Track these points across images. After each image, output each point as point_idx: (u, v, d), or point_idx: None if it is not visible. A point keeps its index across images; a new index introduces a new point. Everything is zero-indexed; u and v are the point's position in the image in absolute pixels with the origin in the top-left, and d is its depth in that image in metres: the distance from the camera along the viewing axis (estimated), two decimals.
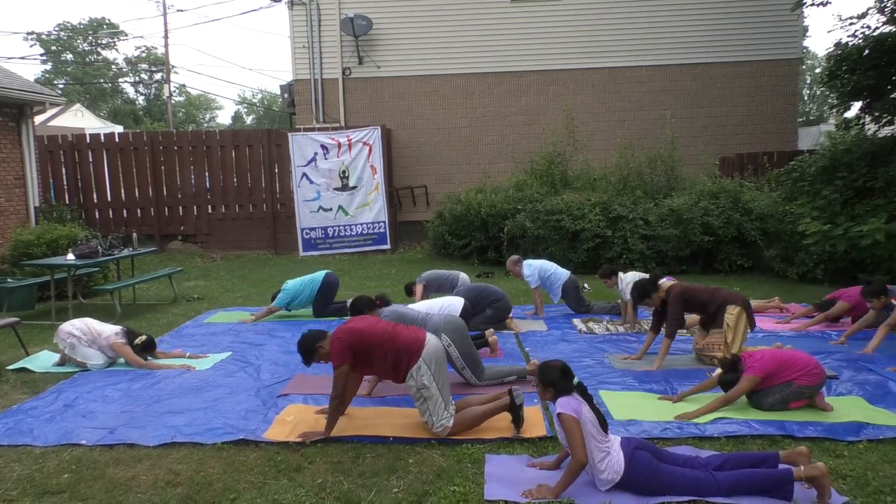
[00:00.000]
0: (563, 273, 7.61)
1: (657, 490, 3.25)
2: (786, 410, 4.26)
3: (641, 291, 5.63)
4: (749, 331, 5.41)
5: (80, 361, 5.71)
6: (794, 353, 4.53)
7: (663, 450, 3.51)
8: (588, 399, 3.40)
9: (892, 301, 5.87)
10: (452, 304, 5.99)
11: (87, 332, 5.76)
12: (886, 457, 3.66)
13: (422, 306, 5.86)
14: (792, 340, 6.16)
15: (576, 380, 3.43)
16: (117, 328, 5.86)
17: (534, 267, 7.56)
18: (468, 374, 4.97)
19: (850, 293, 6.60)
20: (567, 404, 3.32)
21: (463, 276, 7.63)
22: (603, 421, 3.37)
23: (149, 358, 5.82)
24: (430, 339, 4.12)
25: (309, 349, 4.09)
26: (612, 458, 3.30)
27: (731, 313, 5.27)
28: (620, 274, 6.88)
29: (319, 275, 7.70)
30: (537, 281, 7.53)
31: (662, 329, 5.52)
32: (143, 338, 5.84)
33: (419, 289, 7.54)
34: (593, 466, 3.30)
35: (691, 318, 6.31)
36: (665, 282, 5.68)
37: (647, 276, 6.69)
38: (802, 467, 3.22)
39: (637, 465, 3.28)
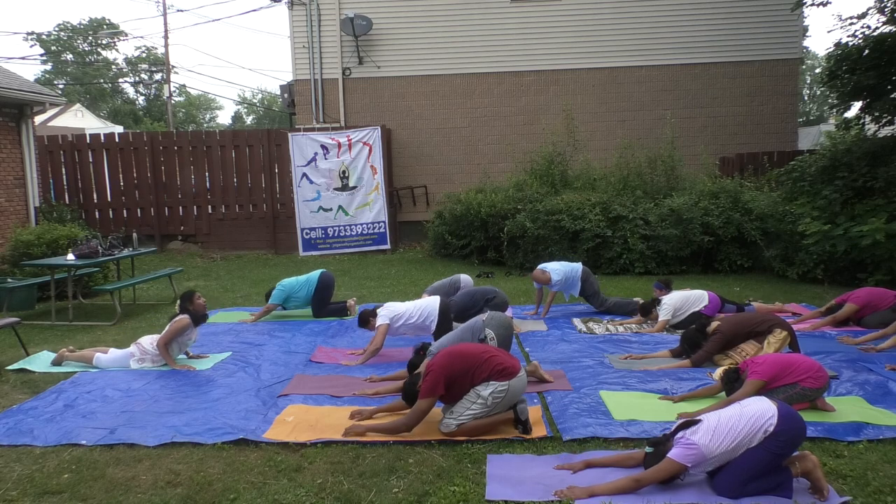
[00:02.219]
0: (577, 266, 7.61)
1: (769, 453, 3.19)
2: None
3: (692, 343, 5.48)
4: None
5: (81, 357, 5.75)
6: (797, 356, 4.50)
7: None
8: (683, 426, 3.34)
9: None
10: (429, 304, 6.00)
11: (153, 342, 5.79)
12: (886, 457, 3.66)
13: (400, 308, 5.93)
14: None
15: (648, 448, 3.37)
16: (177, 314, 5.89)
17: (560, 272, 7.43)
18: None
19: (858, 295, 6.62)
20: (682, 455, 3.21)
21: (464, 277, 7.61)
22: (694, 423, 3.33)
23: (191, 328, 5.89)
24: (523, 374, 4.13)
25: (412, 393, 4.05)
26: (761, 420, 3.23)
27: (778, 336, 5.25)
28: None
29: (315, 275, 7.69)
30: (563, 286, 7.49)
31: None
32: (180, 294, 6.03)
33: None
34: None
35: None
36: (714, 324, 5.56)
37: (690, 294, 6.79)
38: (798, 463, 3.24)
39: (796, 421, 3.29)
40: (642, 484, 3.23)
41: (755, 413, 3.27)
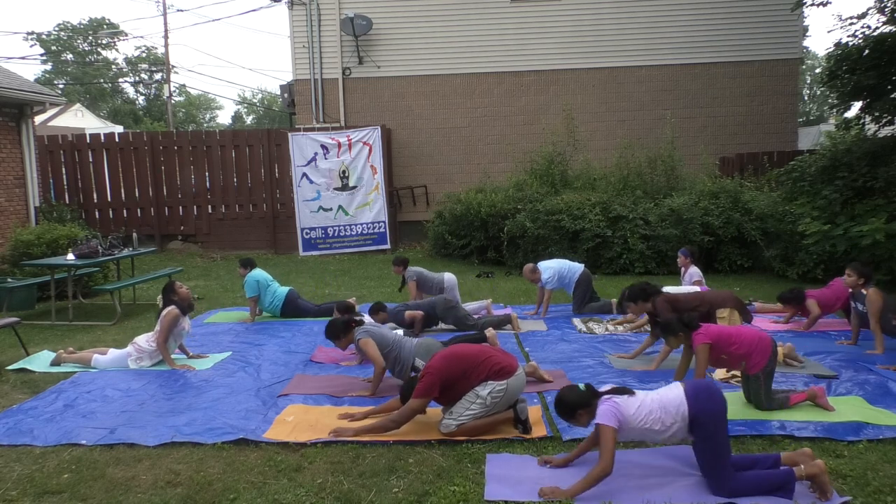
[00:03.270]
0: (578, 267, 7.64)
1: (712, 433, 3.25)
2: (785, 410, 4.26)
3: (631, 296, 5.67)
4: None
5: (79, 358, 5.75)
6: (738, 328, 4.47)
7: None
8: (614, 392, 3.40)
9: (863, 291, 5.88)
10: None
11: (154, 338, 5.78)
12: (886, 457, 3.66)
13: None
14: (792, 340, 6.15)
15: (581, 385, 3.42)
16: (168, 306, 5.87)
17: (552, 270, 7.54)
18: None
19: (818, 296, 6.66)
20: (606, 413, 3.27)
21: (448, 277, 7.66)
22: (629, 391, 3.41)
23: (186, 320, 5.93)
24: (521, 372, 4.13)
25: (410, 394, 4.05)
26: (676, 405, 3.30)
27: (722, 316, 5.28)
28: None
29: (282, 291, 7.70)
30: (556, 284, 7.54)
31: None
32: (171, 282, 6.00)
33: (413, 286, 7.54)
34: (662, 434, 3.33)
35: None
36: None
37: (682, 288, 6.82)
38: (803, 466, 3.23)
39: (707, 393, 3.35)
40: (606, 465, 3.20)
41: (670, 400, 3.36)
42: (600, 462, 3.22)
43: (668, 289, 6.53)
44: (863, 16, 9.18)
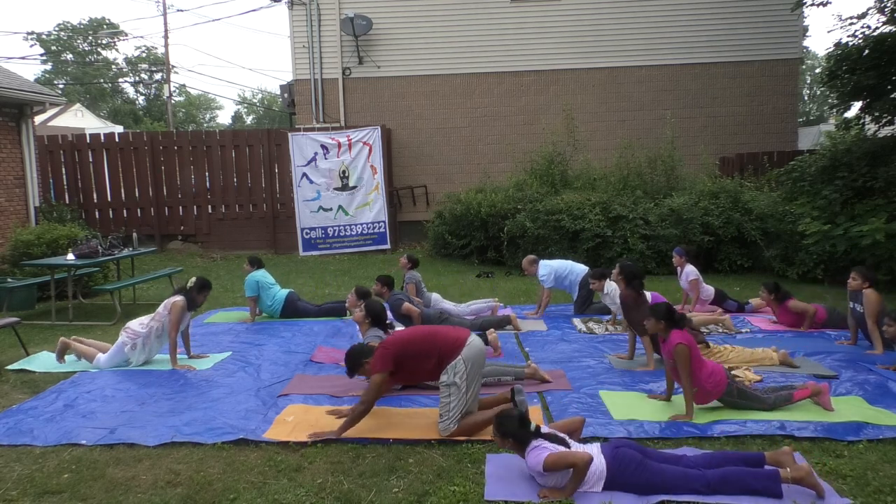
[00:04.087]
0: (581, 269, 7.63)
1: (647, 486, 3.26)
2: (786, 410, 4.26)
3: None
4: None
5: (84, 351, 5.76)
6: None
7: (650, 449, 3.54)
8: (550, 438, 3.42)
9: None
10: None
11: (154, 322, 5.75)
12: (886, 457, 3.66)
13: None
14: (792, 340, 6.17)
15: (533, 425, 3.45)
16: (175, 296, 5.84)
17: (550, 268, 7.55)
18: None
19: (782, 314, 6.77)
20: (538, 457, 3.31)
21: (436, 296, 7.59)
22: (564, 442, 3.42)
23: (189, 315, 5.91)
24: (473, 339, 4.13)
25: (354, 363, 4.18)
26: (594, 466, 3.32)
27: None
28: (608, 280, 6.67)
29: (280, 296, 7.67)
30: (552, 282, 7.54)
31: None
32: (193, 279, 5.93)
33: (412, 288, 7.53)
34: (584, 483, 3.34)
35: (700, 318, 6.30)
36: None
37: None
38: (789, 469, 3.25)
39: (622, 462, 3.31)
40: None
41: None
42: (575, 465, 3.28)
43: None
44: (863, 16, 9.19)
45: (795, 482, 3.21)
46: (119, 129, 30.97)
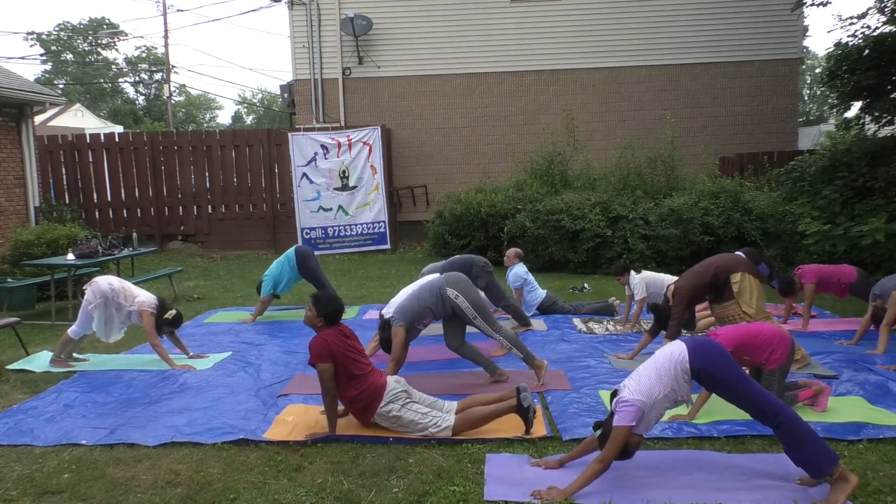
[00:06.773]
0: (541, 293, 7.60)
1: (727, 381, 3.31)
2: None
3: (663, 316, 5.43)
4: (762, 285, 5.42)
5: (62, 340, 5.78)
6: (757, 325, 4.33)
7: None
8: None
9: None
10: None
11: (121, 293, 5.74)
12: (886, 457, 3.66)
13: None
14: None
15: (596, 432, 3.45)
16: (153, 299, 5.83)
17: (525, 275, 7.54)
18: (480, 323, 4.96)
19: (807, 272, 6.53)
20: (628, 415, 3.27)
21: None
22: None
23: (164, 337, 5.82)
24: (391, 381, 4.13)
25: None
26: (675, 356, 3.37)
27: (735, 281, 5.26)
28: (632, 272, 6.78)
29: (290, 252, 7.65)
30: (519, 284, 7.50)
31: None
32: (174, 312, 5.84)
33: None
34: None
35: (704, 321, 6.29)
36: (670, 287, 5.56)
37: (660, 276, 6.75)
38: (842, 465, 3.20)
39: (709, 347, 3.42)
40: (607, 461, 3.26)
41: (665, 355, 3.44)
42: (602, 459, 3.24)
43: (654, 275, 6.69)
44: (863, 16, 9.18)
45: (839, 479, 3.14)
46: (119, 129, 30.97)
